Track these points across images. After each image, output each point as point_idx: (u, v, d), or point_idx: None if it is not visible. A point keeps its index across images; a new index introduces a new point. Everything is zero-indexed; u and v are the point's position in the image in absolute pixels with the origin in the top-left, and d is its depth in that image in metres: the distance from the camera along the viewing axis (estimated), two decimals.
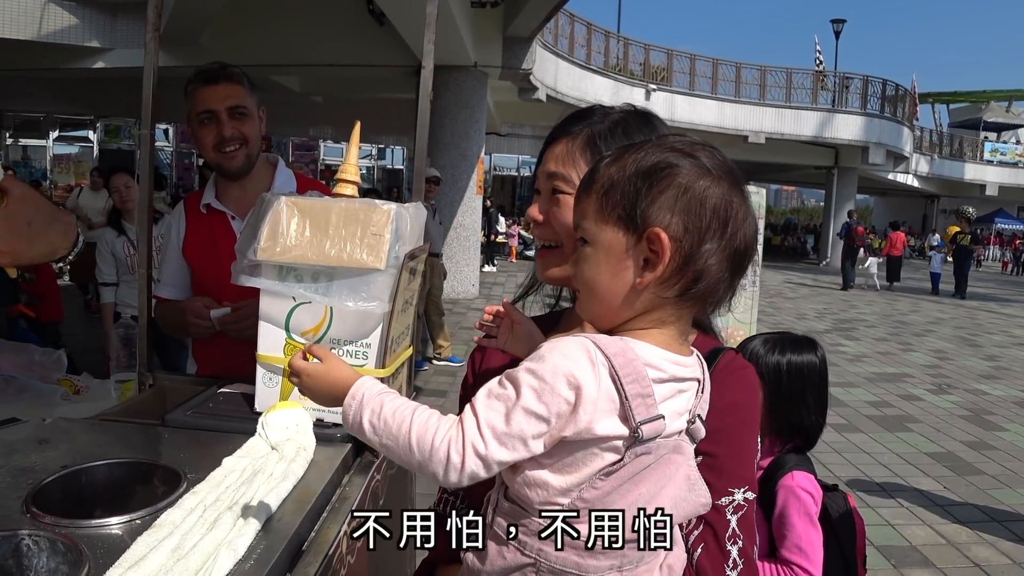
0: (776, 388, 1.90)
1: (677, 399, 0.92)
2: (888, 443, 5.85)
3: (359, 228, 1.50)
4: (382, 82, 14.07)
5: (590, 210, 0.94)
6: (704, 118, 22.33)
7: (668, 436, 0.90)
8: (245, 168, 2.22)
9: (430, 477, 0.89)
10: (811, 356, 1.95)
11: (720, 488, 1.02)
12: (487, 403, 0.88)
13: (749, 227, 0.92)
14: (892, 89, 26.41)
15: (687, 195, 0.89)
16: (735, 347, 1.96)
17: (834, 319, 13.10)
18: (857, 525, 1.95)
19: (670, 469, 0.90)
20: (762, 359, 1.92)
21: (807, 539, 1.78)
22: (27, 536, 1.13)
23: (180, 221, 2.33)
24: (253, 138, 2.20)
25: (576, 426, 0.85)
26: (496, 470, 0.88)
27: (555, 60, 16.51)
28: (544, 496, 0.89)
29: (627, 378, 0.86)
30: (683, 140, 0.95)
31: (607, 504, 0.87)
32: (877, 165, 25.94)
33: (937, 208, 38.52)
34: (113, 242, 4.91)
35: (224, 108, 2.13)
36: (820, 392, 1.95)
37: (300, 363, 1.01)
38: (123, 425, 1.63)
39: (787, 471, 1.85)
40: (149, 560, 1.02)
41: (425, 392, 6.55)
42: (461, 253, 12.60)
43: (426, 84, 2.11)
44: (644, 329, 0.92)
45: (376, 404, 0.92)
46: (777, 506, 1.82)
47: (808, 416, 1.92)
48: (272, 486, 1.27)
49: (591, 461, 0.87)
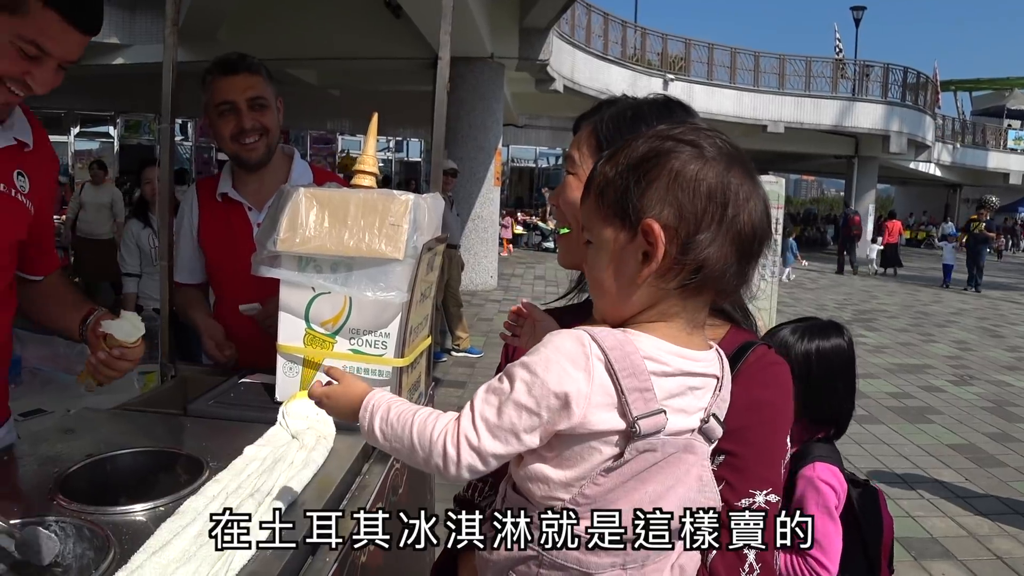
0: (806, 377, 1.87)
1: (687, 396, 0.89)
2: (909, 435, 5.80)
3: (378, 218, 1.51)
4: (399, 75, 14.08)
5: (591, 211, 0.93)
6: (723, 107, 22.16)
7: (677, 434, 0.88)
8: (264, 159, 2.21)
9: (436, 473, 0.91)
10: (839, 341, 1.92)
11: (741, 489, 0.99)
12: (484, 397, 0.89)
13: (755, 207, 0.88)
14: (913, 77, 26.06)
15: (678, 182, 0.86)
16: (764, 334, 1.97)
17: (854, 310, 12.99)
18: (885, 523, 1.91)
19: (680, 469, 0.88)
20: (792, 348, 1.89)
21: (823, 531, 1.75)
22: (54, 523, 1.15)
23: (193, 207, 2.32)
24: (273, 129, 2.19)
25: (570, 420, 0.84)
26: (493, 463, 0.88)
27: (572, 51, 16.44)
28: (545, 490, 0.89)
29: (623, 372, 0.84)
30: (680, 127, 0.92)
31: (609, 502, 0.86)
32: (898, 154, 25.63)
33: (959, 197, 38.02)
34: (139, 233, 4.97)
35: (244, 99, 2.12)
36: (849, 377, 1.93)
37: (319, 389, 1.04)
38: (146, 415, 1.66)
39: (809, 461, 1.83)
40: (173, 546, 1.03)
41: (444, 383, 6.57)
42: (479, 245, 12.61)
43: (443, 75, 2.11)
44: (650, 323, 0.90)
45: (383, 410, 0.95)
46: (795, 496, 1.80)
47: (838, 403, 1.90)
48: (293, 474, 1.28)
49: (590, 456, 0.86)
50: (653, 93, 1.21)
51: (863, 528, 1.87)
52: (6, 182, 1.46)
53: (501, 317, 9.94)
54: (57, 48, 1.35)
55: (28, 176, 1.51)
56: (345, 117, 22.93)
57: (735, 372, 1.01)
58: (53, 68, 1.38)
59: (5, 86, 1.36)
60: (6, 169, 1.46)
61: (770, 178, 7.31)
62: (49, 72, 1.38)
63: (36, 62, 1.35)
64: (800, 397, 1.86)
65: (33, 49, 1.32)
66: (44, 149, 1.61)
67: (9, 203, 1.46)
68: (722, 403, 0.93)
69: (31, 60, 1.34)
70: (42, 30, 1.31)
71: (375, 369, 1.59)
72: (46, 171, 1.61)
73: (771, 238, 0.91)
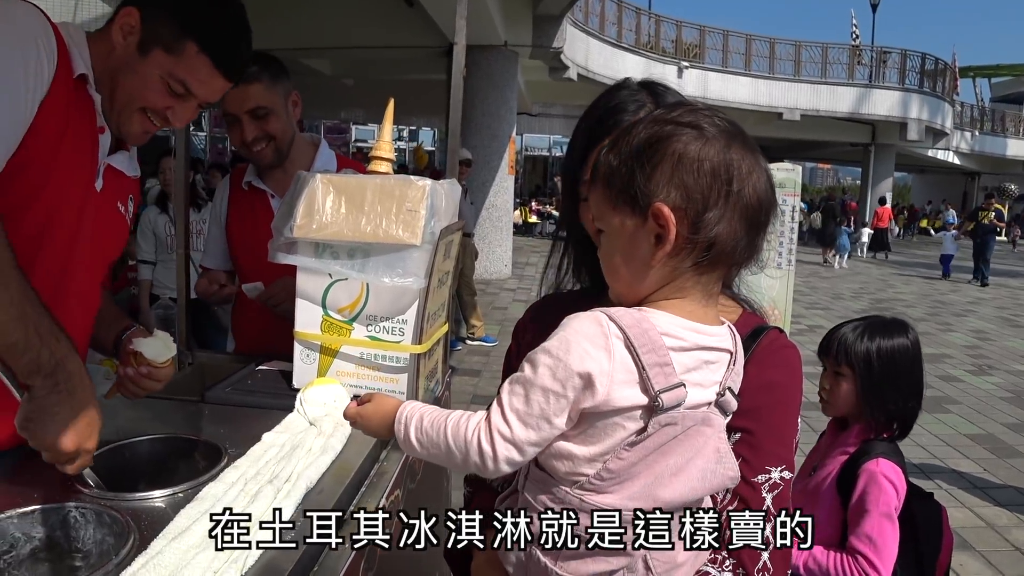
0: (867, 376, 1.85)
1: (703, 370, 0.91)
2: (927, 424, 5.76)
3: (394, 204, 1.50)
4: (412, 64, 14.04)
5: (600, 200, 0.95)
6: (738, 95, 22.02)
7: (695, 407, 0.90)
8: (275, 161, 2.21)
9: (477, 473, 0.93)
10: (902, 339, 1.88)
11: (756, 466, 1.02)
12: (509, 388, 0.91)
13: (758, 180, 0.91)
14: (931, 63, 25.78)
15: (682, 163, 0.88)
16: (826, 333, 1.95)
17: (871, 299, 12.91)
18: (944, 540, 1.87)
19: (699, 441, 0.89)
20: (852, 346, 1.87)
21: (879, 531, 1.72)
22: (74, 508, 1.15)
23: (224, 194, 2.35)
24: (280, 133, 2.15)
25: (594, 398, 0.86)
26: (530, 451, 0.90)
27: (586, 39, 16.36)
28: (570, 466, 0.90)
29: (643, 348, 0.86)
30: (677, 109, 0.94)
31: (633, 475, 0.88)
32: (915, 142, 25.38)
33: (978, 185, 37.60)
34: (155, 220, 4.97)
35: (244, 111, 2.09)
36: (913, 376, 1.88)
37: (353, 410, 1.06)
38: (164, 402, 1.66)
39: (873, 457, 1.80)
40: (192, 531, 1.03)
41: (459, 372, 6.57)
42: (493, 234, 12.60)
43: (459, 61, 2.10)
44: (665, 300, 0.92)
45: (416, 420, 0.97)
46: (856, 490, 1.77)
47: (901, 402, 1.86)
48: (311, 460, 1.28)
49: (614, 432, 0.88)
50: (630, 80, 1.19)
51: (920, 541, 1.83)
52: (124, 204, 1.55)
53: (515, 306, 9.96)
54: (202, 90, 1.43)
55: (133, 203, 1.62)
56: (358, 107, 22.93)
57: (749, 354, 1.04)
58: (194, 107, 1.46)
59: (147, 117, 1.43)
60: (126, 193, 1.56)
61: (786, 165, 7.24)
62: (190, 110, 1.46)
63: (180, 99, 1.42)
64: (861, 396, 1.85)
65: (181, 88, 1.40)
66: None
67: (123, 226, 1.57)
68: (736, 376, 0.95)
69: (176, 97, 1.41)
70: (192, 72, 1.40)
71: (392, 356, 1.58)
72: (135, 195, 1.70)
73: (776, 207, 0.93)
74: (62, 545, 1.15)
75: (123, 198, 1.55)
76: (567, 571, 0.92)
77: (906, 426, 1.88)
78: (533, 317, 1.26)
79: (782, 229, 7.08)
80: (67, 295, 1.39)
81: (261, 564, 1.01)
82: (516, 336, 1.27)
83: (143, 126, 1.45)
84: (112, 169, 1.48)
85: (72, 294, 1.41)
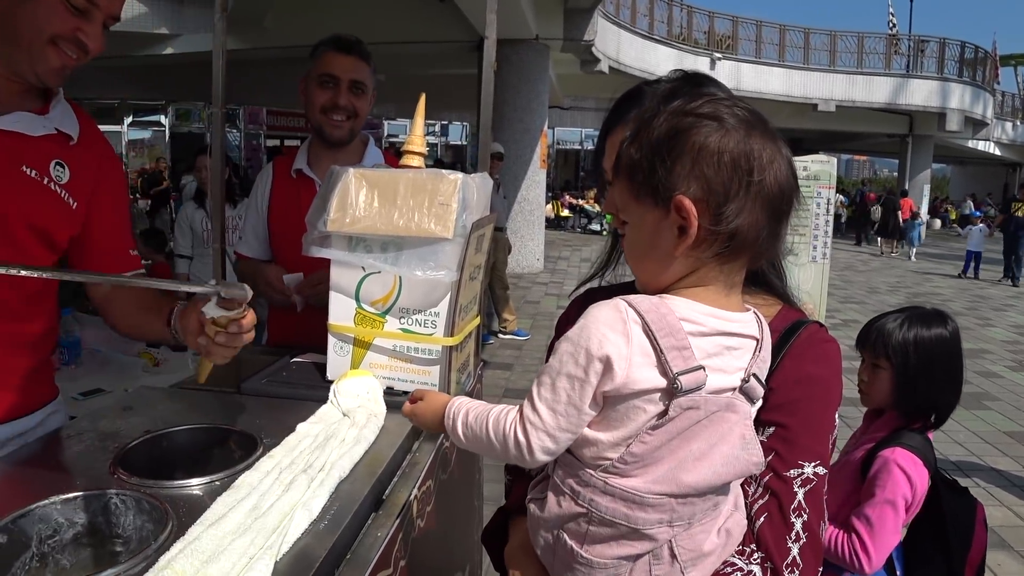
0: (903, 367, 1.84)
1: (725, 356, 0.92)
2: (965, 421, 5.66)
3: (426, 198, 1.51)
4: (443, 58, 14.09)
5: (623, 193, 0.96)
6: (771, 87, 21.75)
7: (718, 392, 0.90)
8: (346, 139, 2.29)
9: (518, 463, 0.96)
10: (940, 330, 1.87)
11: (790, 460, 1.02)
12: (538, 381, 0.93)
13: (779, 168, 0.91)
14: (971, 51, 25.23)
15: (702, 156, 0.89)
16: (866, 323, 1.93)
17: (907, 293, 12.71)
18: (976, 537, 1.84)
19: (723, 427, 0.90)
20: (890, 338, 1.86)
21: (879, 515, 1.72)
22: (115, 495, 1.18)
23: (267, 182, 2.38)
24: (362, 115, 2.28)
25: (613, 381, 0.87)
26: (564, 439, 0.92)
27: (617, 31, 16.26)
28: (595, 452, 0.92)
29: (660, 332, 0.87)
30: (697, 100, 0.94)
31: (656, 459, 0.89)
32: (955, 132, 24.86)
33: (1019, 177, 36.79)
34: (192, 215, 5.06)
35: (347, 78, 2.21)
36: (950, 367, 1.86)
37: (409, 408, 1.15)
38: (201, 393, 1.68)
39: (892, 445, 1.79)
40: (229, 519, 1.05)
41: (491, 365, 6.59)
42: (525, 228, 12.60)
43: (489, 54, 2.10)
44: (688, 288, 0.93)
45: (463, 415, 1.01)
46: (870, 473, 1.78)
47: (937, 394, 1.84)
48: (344, 450, 1.30)
49: (636, 415, 0.89)
50: (677, 71, 1.19)
51: (950, 537, 1.81)
52: (39, 169, 1.42)
53: (548, 300, 9.95)
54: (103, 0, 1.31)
55: (69, 167, 1.48)
56: (390, 101, 23.00)
57: (788, 348, 1.05)
58: (100, 24, 1.35)
59: (59, 49, 1.33)
60: (42, 157, 1.43)
61: (821, 157, 7.16)
62: (98, 28, 1.35)
63: (85, 17, 1.32)
64: (896, 387, 1.83)
65: (81, 1, 1.29)
66: (95, 146, 1.58)
67: (39, 190, 1.43)
68: (762, 364, 0.96)
69: (81, 15, 1.31)
70: None
71: (425, 348, 1.59)
72: (96, 167, 1.56)
73: (799, 193, 0.93)
74: (103, 531, 1.17)
75: (33, 162, 1.41)
76: (592, 554, 0.93)
77: (940, 418, 1.86)
78: (580, 307, 1.26)
79: (816, 222, 7.00)
80: None
81: (296, 550, 1.02)
82: (559, 328, 1.27)
83: (60, 59, 1.34)
84: (3, 132, 1.36)
85: None
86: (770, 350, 0.98)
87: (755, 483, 1.02)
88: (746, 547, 0.99)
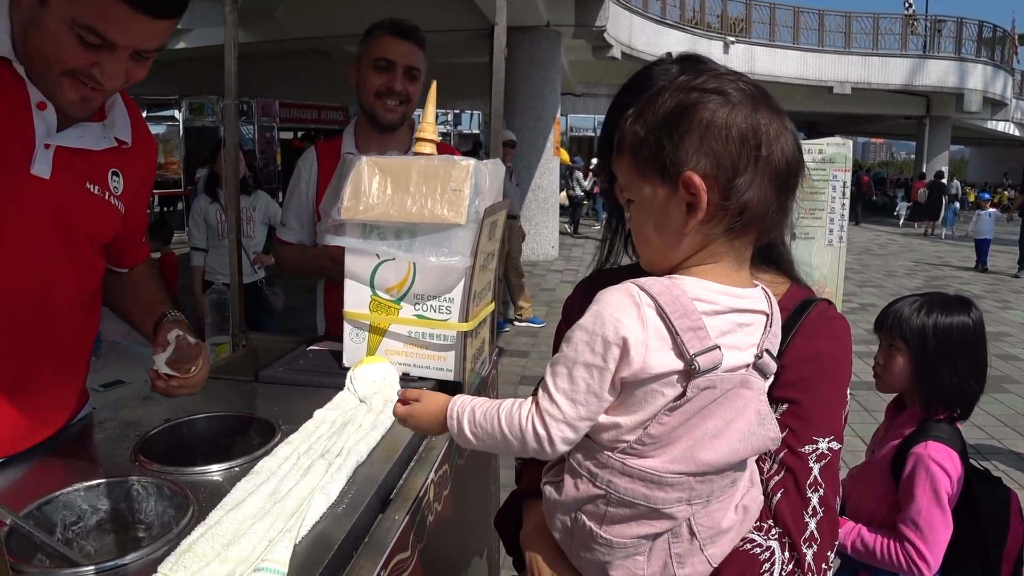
0: (922, 352, 1.78)
1: (738, 333, 0.92)
2: (984, 404, 5.57)
3: (439, 184, 1.51)
4: (454, 47, 14.03)
5: (627, 170, 0.96)
6: (786, 70, 21.56)
7: (732, 370, 0.90)
8: (397, 124, 2.28)
9: (536, 457, 0.94)
10: (962, 317, 1.79)
11: (804, 436, 1.02)
12: (552, 371, 0.92)
13: (786, 142, 0.90)
14: (989, 31, 24.87)
15: (709, 131, 0.88)
16: (884, 307, 1.89)
17: (925, 276, 12.59)
18: (1012, 529, 1.78)
19: (739, 403, 0.90)
20: (906, 321, 1.81)
21: (926, 516, 1.68)
22: (137, 482, 1.20)
23: (312, 167, 2.36)
24: (415, 100, 2.27)
25: (631, 367, 0.87)
26: (583, 428, 0.91)
27: (629, 16, 16.15)
28: (613, 435, 0.92)
29: (675, 314, 0.87)
30: (701, 76, 0.93)
31: (674, 439, 0.89)
32: (973, 113, 24.55)
33: None
34: (207, 208, 5.09)
35: (403, 64, 2.21)
36: (974, 356, 1.79)
37: (403, 410, 1.07)
38: (220, 382, 1.70)
39: (923, 440, 1.74)
40: (248, 503, 1.07)
41: (507, 353, 6.60)
42: (540, 215, 12.58)
43: (500, 41, 2.10)
44: (698, 266, 0.93)
45: (468, 414, 0.98)
46: (904, 473, 1.72)
47: (960, 382, 1.77)
48: (361, 436, 1.31)
49: (654, 399, 0.89)
50: (671, 54, 1.18)
51: (985, 529, 1.75)
52: (101, 184, 1.37)
53: (562, 287, 9.95)
54: (121, 35, 1.17)
55: (123, 176, 1.43)
56: None
57: (798, 326, 1.05)
58: (125, 59, 1.21)
59: (77, 80, 1.21)
60: (101, 171, 1.38)
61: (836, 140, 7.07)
62: (120, 63, 1.21)
63: (100, 52, 1.18)
64: (915, 372, 1.79)
65: (93, 37, 1.16)
66: (143, 143, 1.51)
67: (101, 207, 1.38)
68: (774, 339, 0.96)
69: (94, 50, 1.18)
70: (99, 14, 1.14)
71: (439, 334, 1.60)
72: (143, 166, 1.51)
73: (804, 167, 0.93)
74: (126, 516, 1.19)
75: (96, 177, 1.36)
76: (611, 535, 0.93)
77: (966, 408, 1.80)
78: (586, 292, 1.26)
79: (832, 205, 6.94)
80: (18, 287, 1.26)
81: (314, 534, 1.04)
82: (566, 313, 1.27)
83: (77, 92, 1.23)
84: (68, 149, 1.29)
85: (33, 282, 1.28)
86: (780, 325, 0.98)
87: (770, 459, 1.02)
88: (763, 523, 1.00)
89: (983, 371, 1.81)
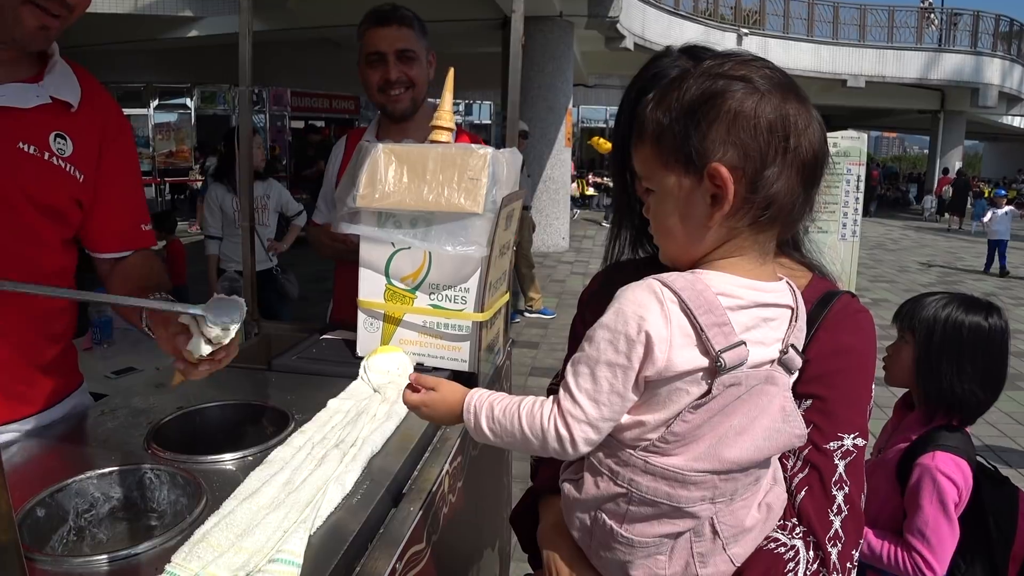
0: (926, 345, 1.71)
1: (763, 328, 0.89)
2: (998, 402, 5.51)
3: (456, 173, 1.49)
4: (467, 37, 14.00)
5: (648, 160, 0.92)
6: (800, 62, 21.39)
7: (758, 366, 0.88)
8: (409, 111, 2.23)
9: (557, 457, 0.93)
10: (978, 318, 1.70)
11: (829, 432, 0.99)
12: (573, 370, 0.90)
13: (813, 133, 0.88)
14: (1006, 24, 24.61)
15: (738, 121, 0.85)
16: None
17: (939, 271, 12.51)
18: (1020, 530, 1.72)
19: (763, 400, 0.88)
20: (921, 311, 1.74)
21: (933, 526, 1.64)
22: (149, 470, 1.19)
23: (339, 155, 2.39)
24: (420, 82, 2.21)
25: (655, 365, 0.85)
26: (606, 428, 0.89)
27: (642, 7, 16.04)
28: (636, 433, 0.90)
29: (699, 309, 0.84)
30: (726, 61, 0.90)
31: (697, 437, 0.87)
32: (988, 108, 24.33)
33: None
34: (223, 197, 5.09)
35: (392, 50, 2.15)
36: (984, 362, 1.70)
37: (415, 397, 1.04)
38: (232, 370, 1.68)
39: (931, 449, 1.67)
40: (262, 493, 1.05)
41: (518, 344, 6.59)
42: (551, 206, 12.55)
43: (516, 29, 2.07)
44: (722, 259, 0.90)
45: (487, 409, 0.96)
46: (910, 483, 1.68)
47: (961, 385, 1.69)
48: (376, 426, 1.30)
49: (679, 397, 0.87)
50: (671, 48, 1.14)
51: (991, 531, 1.71)
52: (37, 144, 1.31)
53: (573, 279, 9.92)
54: None
55: (71, 138, 1.36)
56: None
57: (821, 319, 1.02)
58: None
59: (36, 6, 1.18)
60: (38, 131, 1.31)
61: (850, 134, 7.03)
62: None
63: None
64: (917, 368, 1.74)
65: None
66: (99, 110, 1.44)
67: (41, 166, 1.31)
68: (799, 333, 0.94)
69: None
70: None
71: (455, 324, 1.58)
72: (101, 133, 1.43)
73: (829, 157, 0.91)
74: (138, 505, 1.18)
75: (30, 137, 1.30)
76: (633, 533, 0.91)
77: (967, 416, 1.73)
78: (602, 284, 1.22)
79: (846, 199, 6.89)
80: None
81: (329, 524, 1.03)
82: (581, 306, 1.24)
83: (37, 19, 1.20)
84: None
85: None
86: (805, 319, 0.96)
87: (794, 456, 1.00)
88: (787, 521, 0.97)
89: (994, 381, 1.73)
